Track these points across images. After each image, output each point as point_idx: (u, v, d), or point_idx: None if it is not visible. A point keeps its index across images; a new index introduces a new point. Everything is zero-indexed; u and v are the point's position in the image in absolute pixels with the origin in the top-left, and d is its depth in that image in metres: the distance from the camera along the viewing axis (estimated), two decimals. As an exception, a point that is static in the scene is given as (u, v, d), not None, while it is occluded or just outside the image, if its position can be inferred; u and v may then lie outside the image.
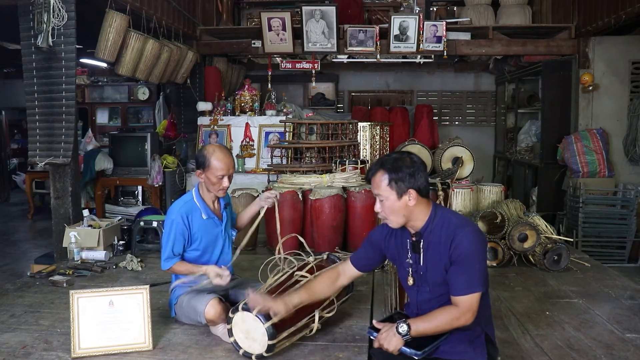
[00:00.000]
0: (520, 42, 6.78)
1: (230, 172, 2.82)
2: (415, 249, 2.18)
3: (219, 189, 2.82)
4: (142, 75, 5.45)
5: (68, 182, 4.39)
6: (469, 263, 2.05)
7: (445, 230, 2.11)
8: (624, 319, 2.94)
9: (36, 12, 4.05)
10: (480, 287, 2.05)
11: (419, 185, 2.11)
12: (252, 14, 8.14)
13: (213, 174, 2.78)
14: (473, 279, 2.04)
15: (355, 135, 5.61)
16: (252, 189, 4.73)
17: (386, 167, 2.12)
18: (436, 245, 2.12)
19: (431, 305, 2.17)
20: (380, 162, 2.18)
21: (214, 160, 2.77)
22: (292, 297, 2.35)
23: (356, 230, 4.35)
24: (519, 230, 3.90)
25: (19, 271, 5.36)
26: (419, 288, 2.21)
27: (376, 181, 2.14)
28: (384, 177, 2.11)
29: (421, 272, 2.18)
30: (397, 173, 2.10)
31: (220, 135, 6.54)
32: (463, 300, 2.03)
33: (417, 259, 2.18)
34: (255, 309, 2.34)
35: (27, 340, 2.66)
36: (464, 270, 2.04)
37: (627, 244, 5.85)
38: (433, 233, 2.14)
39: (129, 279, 3.71)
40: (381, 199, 2.13)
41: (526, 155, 7.55)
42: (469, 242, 2.06)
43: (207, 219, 2.86)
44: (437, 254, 2.12)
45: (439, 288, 2.15)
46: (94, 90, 9.23)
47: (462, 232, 2.08)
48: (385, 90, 9.59)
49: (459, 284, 2.05)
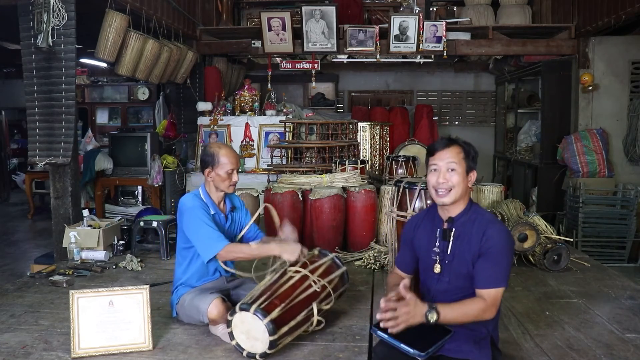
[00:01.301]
0: (520, 42, 6.79)
1: (238, 166, 2.90)
2: (446, 237, 2.21)
3: (230, 184, 2.88)
4: (142, 75, 5.45)
5: (68, 182, 4.39)
6: (499, 258, 2.08)
7: (478, 223, 2.15)
8: (624, 319, 2.93)
9: (36, 12, 4.05)
10: (506, 284, 2.09)
11: (476, 171, 2.24)
12: (252, 14, 8.13)
13: (223, 169, 2.83)
14: (500, 275, 2.07)
15: (355, 135, 5.62)
16: (252, 188, 4.74)
17: (460, 143, 2.22)
18: (466, 236, 2.15)
19: (446, 297, 2.17)
20: (452, 139, 2.26)
21: (222, 157, 2.83)
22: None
23: (356, 230, 4.35)
24: (519, 230, 3.89)
25: (19, 271, 5.36)
26: (440, 277, 2.22)
27: (452, 151, 2.19)
28: (460, 150, 2.19)
29: (446, 261, 2.20)
30: (469, 152, 2.21)
31: (220, 135, 6.54)
32: (489, 294, 2.06)
33: (445, 248, 2.20)
34: (252, 307, 2.34)
35: (27, 340, 2.65)
36: (493, 265, 2.07)
37: (627, 244, 5.84)
38: (465, 225, 2.18)
39: (129, 279, 3.71)
40: (453, 167, 2.17)
41: (526, 155, 7.55)
42: (500, 237, 2.11)
43: (215, 215, 2.88)
44: (466, 244, 2.15)
45: (459, 280, 2.17)
46: (94, 90, 9.24)
47: (495, 227, 2.13)
48: (385, 90, 9.59)
49: (486, 277, 2.07)
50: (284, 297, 2.49)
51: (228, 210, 2.99)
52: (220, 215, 2.93)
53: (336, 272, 2.84)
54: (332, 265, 2.88)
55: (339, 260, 2.95)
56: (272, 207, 3.09)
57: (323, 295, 2.66)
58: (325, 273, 2.75)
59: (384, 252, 4.02)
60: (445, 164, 2.18)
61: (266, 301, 2.42)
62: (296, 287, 2.57)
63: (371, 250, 4.14)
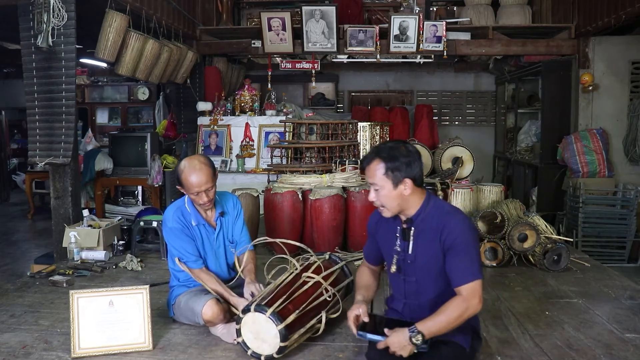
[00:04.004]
0: (520, 42, 6.78)
1: (205, 188, 2.69)
2: (405, 237, 2.17)
3: (199, 204, 2.78)
4: (142, 75, 5.45)
5: (68, 182, 4.39)
6: (466, 249, 2.05)
7: (437, 218, 2.10)
8: (624, 319, 2.93)
9: (36, 12, 4.05)
10: (481, 275, 2.06)
11: (415, 175, 2.10)
12: (252, 14, 8.13)
13: (188, 191, 2.72)
14: (473, 266, 2.04)
15: (355, 135, 5.61)
16: (252, 189, 4.73)
17: (382, 156, 2.10)
18: (427, 233, 2.11)
19: (420, 299, 2.16)
20: (376, 150, 2.15)
21: (185, 178, 2.69)
22: (358, 297, 2.31)
23: (356, 230, 4.35)
24: (519, 230, 3.89)
25: (19, 271, 5.36)
26: (405, 277, 2.20)
27: (372, 170, 2.11)
28: (380, 166, 2.09)
29: (408, 261, 2.17)
30: (394, 162, 2.08)
31: (220, 135, 6.54)
32: (466, 289, 2.03)
33: (406, 247, 2.17)
34: (268, 310, 2.34)
35: (27, 340, 2.66)
36: (462, 258, 2.04)
37: (627, 244, 5.84)
38: (425, 221, 2.13)
39: (129, 279, 3.71)
40: (376, 188, 2.12)
41: (526, 155, 7.55)
42: (461, 228, 2.06)
43: (198, 226, 2.82)
44: (427, 241, 2.11)
45: (428, 280, 2.14)
46: (94, 90, 9.24)
47: (453, 219, 2.08)
48: (385, 90, 9.58)
49: (459, 273, 2.04)
50: (298, 303, 2.48)
51: (217, 216, 2.88)
52: (206, 225, 2.85)
53: (345, 281, 2.88)
54: (341, 274, 2.90)
55: (348, 268, 2.96)
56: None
57: (332, 303, 2.66)
58: (335, 281, 2.76)
59: (384, 252, 4.01)
60: (370, 183, 2.15)
61: (281, 305, 2.40)
62: (309, 293, 2.56)
63: (371, 250, 4.14)
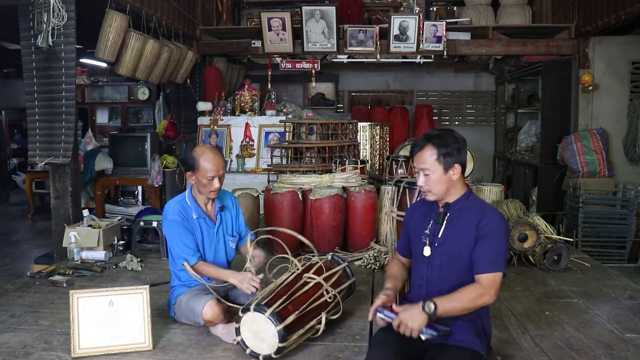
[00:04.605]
0: (520, 42, 6.78)
1: (220, 173, 2.77)
2: (439, 220, 2.21)
3: (210, 190, 2.80)
4: (142, 75, 5.45)
5: (68, 182, 4.39)
6: (497, 242, 2.10)
7: (476, 209, 2.17)
8: (624, 319, 2.94)
9: (36, 12, 4.05)
10: (504, 269, 2.10)
11: (462, 161, 2.19)
12: (252, 14, 8.13)
13: (203, 175, 2.75)
14: (499, 259, 2.09)
15: (355, 135, 5.62)
16: (252, 189, 4.74)
17: (434, 142, 2.17)
18: (462, 221, 2.16)
19: (441, 285, 2.17)
20: (427, 137, 2.21)
21: (204, 162, 2.73)
22: (388, 284, 2.31)
23: (356, 230, 4.35)
24: (519, 230, 3.90)
25: (19, 271, 5.36)
26: (429, 261, 2.22)
27: (423, 156, 2.18)
28: (433, 151, 2.16)
29: (436, 244, 2.20)
30: (446, 148, 2.16)
31: (220, 135, 6.54)
32: (487, 278, 2.07)
33: (437, 231, 2.21)
34: (268, 311, 2.34)
35: (27, 340, 2.66)
36: (491, 249, 2.09)
37: (627, 244, 5.85)
38: (462, 210, 2.19)
39: (129, 279, 3.71)
40: (427, 173, 2.17)
41: (526, 155, 7.55)
42: (499, 221, 2.13)
43: (198, 219, 2.84)
44: (460, 228, 2.16)
45: (451, 265, 2.17)
46: (94, 90, 9.24)
47: (493, 213, 2.16)
48: (385, 90, 9.58)
49: (485, 262, 2.08)
50: (298, 304, 2.48)
51: (217, 211, 2.91)
52: (207, 219, 2.87)
53: (346, 282, 2.87)
54: (343, 275, 2.89)
55: (350, 270, 2.96)
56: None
57: (332, 304, 2.66)
58: (337, 283, 2.76)
59: (384, 252, 4.02)
60: (421, 168, 2.19)
61: (281, 306, 2.40)
62: (310, 294, 2.56)
63: (371, 250, 4.14)
